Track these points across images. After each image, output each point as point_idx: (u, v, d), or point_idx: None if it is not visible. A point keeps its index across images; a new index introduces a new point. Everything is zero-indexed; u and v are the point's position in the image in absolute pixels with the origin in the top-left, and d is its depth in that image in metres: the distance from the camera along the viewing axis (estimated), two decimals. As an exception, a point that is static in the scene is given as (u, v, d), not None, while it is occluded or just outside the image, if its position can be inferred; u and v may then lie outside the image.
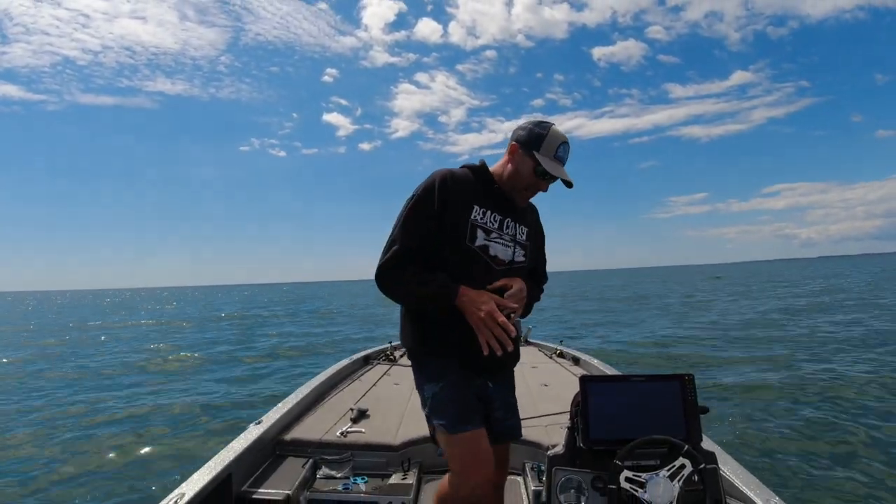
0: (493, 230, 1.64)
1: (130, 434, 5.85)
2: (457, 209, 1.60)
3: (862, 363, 7.93)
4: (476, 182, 1.68)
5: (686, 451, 1.35)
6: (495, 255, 1.63)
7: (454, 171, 1.67)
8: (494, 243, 1.64)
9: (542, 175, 1.61)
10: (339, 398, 3.28)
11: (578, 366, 4.15)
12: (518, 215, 1.74)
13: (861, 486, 3.83)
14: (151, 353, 12.68)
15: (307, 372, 8.02)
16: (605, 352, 9.47)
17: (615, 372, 3.55)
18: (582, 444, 1.48)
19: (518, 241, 1.72)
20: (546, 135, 1.61)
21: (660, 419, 1.47)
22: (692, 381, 1.52)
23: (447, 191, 1.59)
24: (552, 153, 1.60)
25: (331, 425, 2.74)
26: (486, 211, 1.65)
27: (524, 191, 1.66)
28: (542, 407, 2.94)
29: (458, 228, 1.59)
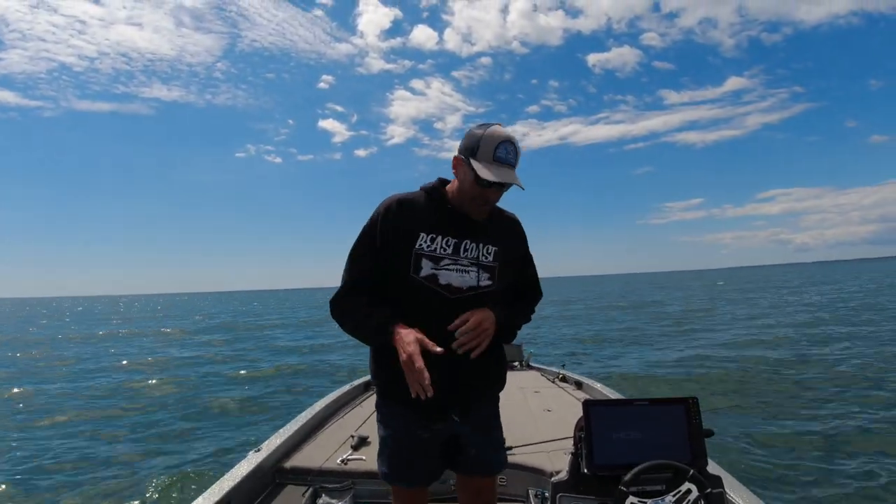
0: (444, 257, 1.51)
1: (127, 461, 5.76)
2: (399, 240, 1.50)
3: (879, 381, 7.85)
4: (427, 205, 1.56)
5: (692, 476, 1.33)
6: (448, 284, 1.50)
7: (402, 198, 1.56)
8: (446, 271, 1.50)
9: (478, 180, 1.44)
10: (340, 425, 3.24)
11: (581, 390, 4.11)
12: (481, 235, 1.57)
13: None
14: (144, 370, 12.56)
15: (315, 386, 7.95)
16: (607, 375, 9.38)
17: (618, 396, 3.52)
18: (586, 470, 1.46)
19: (482, 264, 1.55)
20: (482, 137, 1.44)
21: (664, 443, 1.46)
22: (696, 405, 1.51)
23: (388, 223, 1.51)
24: (490, 157, 1.42)
25: (331, 453, 2.70)
26: (435, 237, 1.52)
27: (472, 204, 1.50)
28: (544, 432, 2.91)
29: (401, 260, 1.50)
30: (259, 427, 7.02)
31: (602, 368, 10.36)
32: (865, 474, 4.40)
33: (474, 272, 1.53)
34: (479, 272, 1.54)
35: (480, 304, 1.52)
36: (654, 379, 9.26)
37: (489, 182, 1.43)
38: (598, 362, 11.20)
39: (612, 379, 8.73)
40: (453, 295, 1.50)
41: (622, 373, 9.85)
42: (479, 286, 1.53)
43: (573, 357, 11.69)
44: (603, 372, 9.81)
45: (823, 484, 4.27)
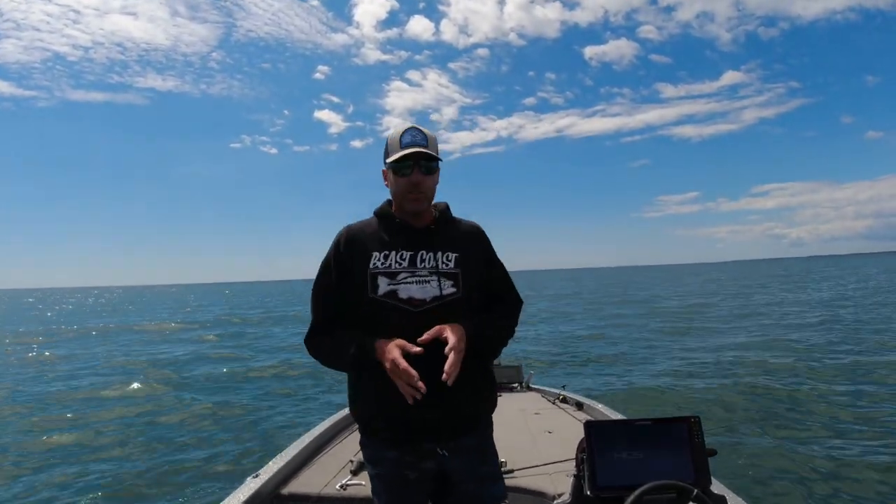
0: (400, 271, 1.51)
1: (119, 479, 5.65)
2: (354, 268, 1.53)
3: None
4: (378, 227, 1.60)
5: (696, 496, 1.32)
6: (409, 297, 1.49)
7: (351, 228, 1.61)
8: (404, 284, 1.49)
9: (396, 171, 1.52)
10: (339, 449, 3.20)
11: (582, 411, 4.08)
12: (438, 243, 1.56)
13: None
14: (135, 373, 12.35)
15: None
16: (608, 394, 9.30)
17: (620, 416, 3.50)
18: (589, 492, 1.44)
19: (442, 272, 1.53)
20: (388, 138, 1.56)
21: (667, 463, 1.44)
22: (698, 423, 1.50)
23: (340, 255, 1.56)
24: (397, 147, 1.50)
25: (330, 478, 2.67)
26: (388, 253, 1.53)
27: (405, 199, 1.53)
28: (546, 454, 2.88)
29: (359, 284, 1.51)
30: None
31: (602, 384, 10.28)
32: (875, 494, 4.35)
33: (435, 281, 1.51)
34: (441, 280, 1.51)
35: (450, 313, 1.48)
36: (654, 396, 9.19)
37: (398, 161, 1.49)
38: (598, 376, 11.12)
39: (610, 396, 8.66)
40: (417, 308, 1.48)
41: (621, 389, 9.78)
42: (443, 295, 1.50)
43: (570, 369, 11.59)
44: (601, 385, 9.73)
45: (833, 502, 4.22)
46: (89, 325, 27.92)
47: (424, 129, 1.53)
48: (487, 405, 1.63)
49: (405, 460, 1.51)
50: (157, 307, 39.81)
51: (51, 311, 48.46)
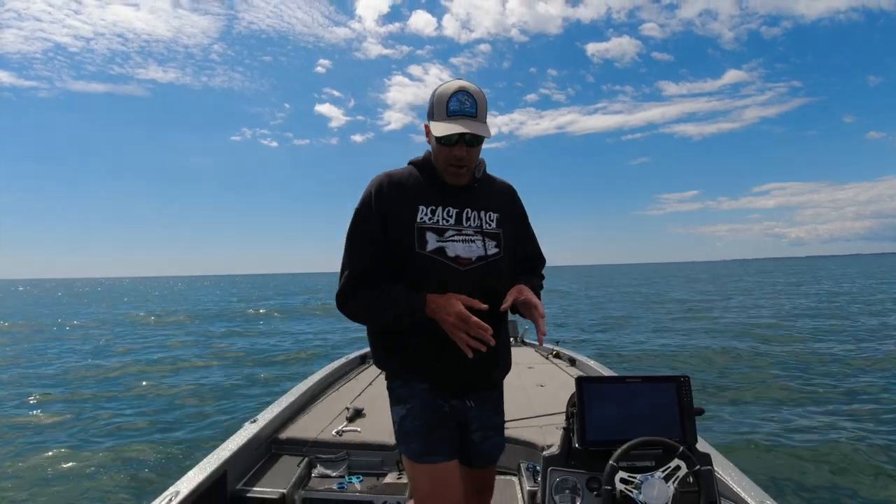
0: (447, 228, 1.46)
1: (122, 431, 5.84)
2: (399, 217, 1.44)
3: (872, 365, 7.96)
4: (420, 179, 1.50)
5: (681, 453, 1.35)
6: (456, 255, 1.45)
7: (392, 174, 1.51)
8: (452, 242, 1.45)
9: (444, 143, 1.40)
10: (335, 397, 3.28)
11: (574, 367, 4.15)
12: (481, 202, 1.53)
13: (857, 489, 3.85)
14: (146, 347, 12.64)
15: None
16: (601, 353, 9.48)
17: (611, 373, 3.56)
18: (577, 445, 1.47)
19: (486, 232, 1.50)
20: (435, 96, 1.41)
21: (655, 421, 1.47)
22: (688, 383, 1.52)
23: (384, 201, 1.45)
24: (444, 113, 1.38)
25: (326, 424, 2.73)
26: (435, 208, 1.46)
27: (445, 169, 1.45)
28: (537, 407, 2.94)
29: (406, 237, 1.43)
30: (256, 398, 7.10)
31: (598, 346, 10.47)
32: (855, 455, 4.49)
33: (480, 241, 1.48)
34: (485, 240, 1.49)
35: (492, 273, 1.48)
36: (647, 357, 9.36)
37: (446, 139, 1.38)
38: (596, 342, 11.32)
39: (605, 355, 8.82)
40: (463, 267, 1.44)
41: (616, 352, 9.96)
42: (487, 255, 1.48)
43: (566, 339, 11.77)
44: (599, 347, 9.91)
45: (811, 463, 4.36)
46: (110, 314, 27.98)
47: (474, 91, 1.40)
48: (509, 362, 1.66)
49: (439, 393, 1.49)
50: (144, 298, 39.80)
51: (49, 299, 48.44)
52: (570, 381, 1.55)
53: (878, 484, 3.94)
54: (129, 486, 4.30)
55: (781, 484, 3.97)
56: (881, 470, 4.15)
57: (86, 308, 29.07)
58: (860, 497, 3.75)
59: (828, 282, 35.50)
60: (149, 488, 4.19)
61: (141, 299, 38.45)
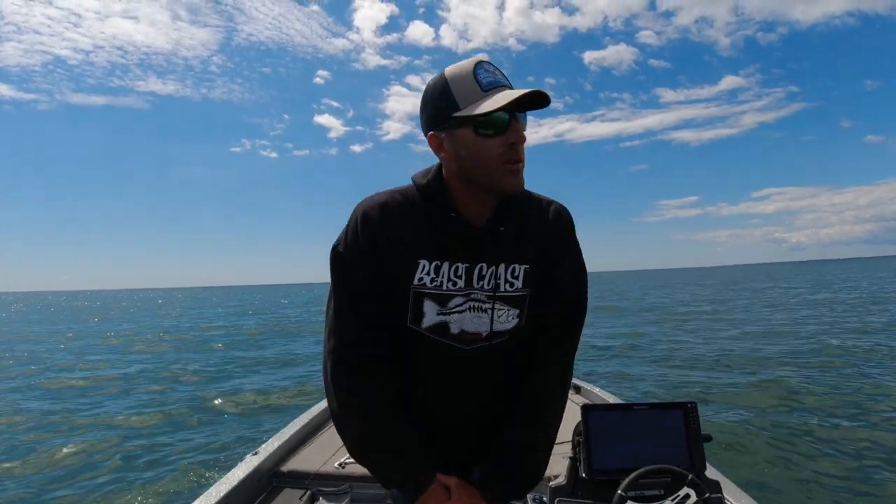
0: (454, 294, 1.07)
1: (125, 461, 5.74)
2: (391, 271, 1.05)
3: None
4: (424, 214, 1.07)
5: (690, 481, 1.33)
6: (461, 332, 1.09)
7: (385, 204, 1.07)
8: (456, 314, 1.08)
9: (483, 125, 0.96)
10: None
11: (579, 394, 4.10)
12: (505, 251, 1.08)
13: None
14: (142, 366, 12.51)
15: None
16: (607, 378, 9.38)
17: (617, 400, 3.52)
18: (584, 475, 1.45)
19: (508, 296, 1.10)
20: (447, 83, 0.99)
21: (663, 448, 1.45)
22: (695, 409, 1.51)
23: (373, 243, 1.05)
24: (475, 89, 0.96)
25: (329, 456, 2.69)
26: (440, 264, 1.05)
27: (502, 168, 0.99)
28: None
29: (397, 301, 1.07)
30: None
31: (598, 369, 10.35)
32: (866, 480, 4.40)
33: (495, 311, 1.10)
34: (506, 310, 1.11)
35: (506, 349, 1.15)
36: (652, 382, 9.25)
37: (504, 117, 0.96)
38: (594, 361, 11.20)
39: (611, 381, 8.72)
40: (468, 345, 1.11)
41: (619, 374, 9.85)
42: (502, 331, 1.12)
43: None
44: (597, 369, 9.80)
45: (822, 490, 4.26)
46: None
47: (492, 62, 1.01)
48: None
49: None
50: (136, 313, 39.24)
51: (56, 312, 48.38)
52: (576, 409, 1.53)
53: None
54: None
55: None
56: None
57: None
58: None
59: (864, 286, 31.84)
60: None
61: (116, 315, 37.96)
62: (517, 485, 1.16)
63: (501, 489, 1.13)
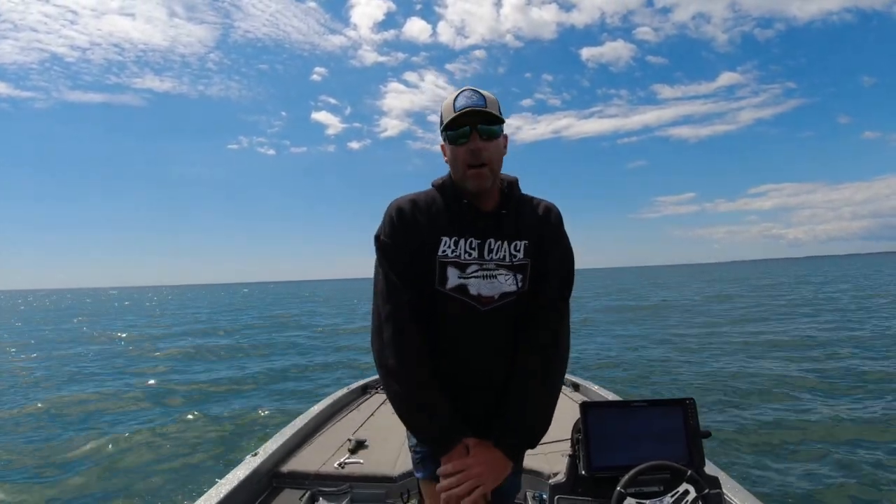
0: (470, 262, 1.36)
1: (124, 461, 5.73)
2: (421, 248, 1.36)
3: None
4: (442, 205, 1.41)
5: (689, 477, 1.33)
6: (478, 294, 1.36)
7: (414, 199, 1.41)
8: (474, 278, 1.36)
9: (453, 139, 1.33)
10: (337, 429, 3.23)
11: (578, 392, 4.11)
12: (507, 230, 1.41)
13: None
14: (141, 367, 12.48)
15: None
16: (607, 377, 9.39)
17: (616, 397, 3.52)
18: (584, 472, 1.46)
19: (511, 265, 1.39)
20: (442, 108, 1.38)
21: (662, 444, 1.45)
22: (694, 406, 1.51)
23: (405, 229, 1.37)
24: (451, 112, 1.32)
25: (328, 456, 2.69)
26: (458, 240, 1.37)
27: (467, 173, 1.33)
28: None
29: (427, 271, 1.36)
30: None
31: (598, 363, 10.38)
32: (866, 475, 4.41)
33: (503, 276, 1.38)
34: (511, 275, 1.39)
35: (516, 309, 1.40)
36: (651, 379, 9.27)
37: (466, 129, 1.30)
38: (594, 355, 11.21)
39: (609, 379, 8.74)
40: (485, 306, 1.37)
41: (619, 370, 9.87)
42: (511, 292, 1.39)
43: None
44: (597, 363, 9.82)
45: (822, 485, 4.28)
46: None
47: (482, 90, 1.35)
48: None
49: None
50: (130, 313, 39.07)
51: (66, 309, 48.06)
52: (575, 407, 1.54)
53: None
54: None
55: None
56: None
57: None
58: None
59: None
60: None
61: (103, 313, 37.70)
62: (528, 435, 1.38)
63: (514, 440, 1.36)
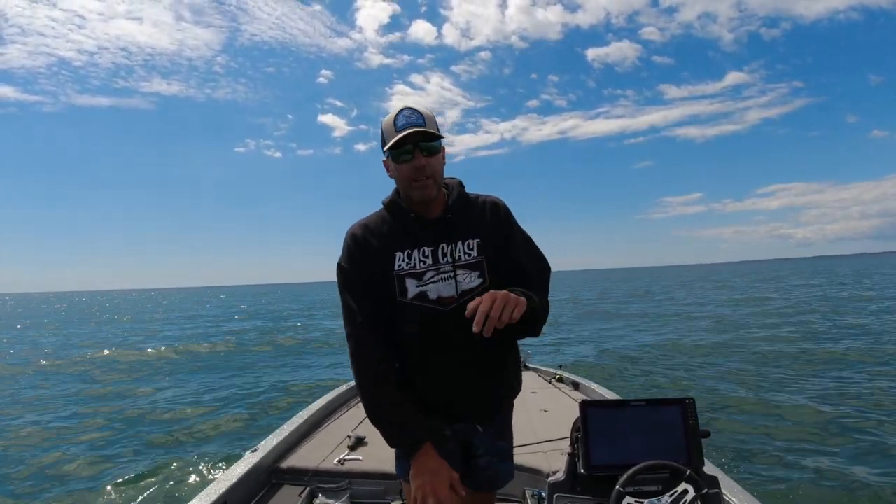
0: (426, 270, 1.44)
1: (124, 458, 5.74)
2: (379, 268, 1.44)
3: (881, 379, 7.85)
4: (392, 222, 1.49)
5: (688, 476, 1.33)
6: (438, 297, 1.44)
7: (366, 224, 1.50)
8: (432, 283, 1.43)
9: (396, 158, 1.39)
10: (337, 425, 3.24)
11: (578, 391, 4.11)
12: (456, 232, 1.48)
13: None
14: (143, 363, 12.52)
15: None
16: (604, 374, 9.39)
17: (615, 397, 3.53)
18: (583, 471, 1.46)
19: (465, 264, 1.46)
20: (382, 126, 1.43)
21: (661, 444, 1.45)
22: (693, 405, 1.51)
23: (361, 254, 1.45)
24: (392, 132, 1.38)
25: (328, 453, 2.70)
26: (411, 251, 1.44)
27: (412, 186, 1.41)
28: (541, 433, 2.91)
29: (387, 287, 1.43)
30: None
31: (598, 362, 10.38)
32: (866, 475, 4.41)
33: (462, 275, 1.45)
34: (465, 274, 1.45)
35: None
36: (650, 378, 9.27)
37: (409, 147, 1.36)
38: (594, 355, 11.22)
39: (608, 378, 8.74)
40: (447, 307, 1.43)
41: (616, 367, 9.87)
42: (470, 289, 1.44)
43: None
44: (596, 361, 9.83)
45: (821, 485, 4.28)
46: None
47: (419, 108, 1.41)
48: (518, 386, 1.63)
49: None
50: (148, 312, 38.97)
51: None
52: (574, 406, 1.54)
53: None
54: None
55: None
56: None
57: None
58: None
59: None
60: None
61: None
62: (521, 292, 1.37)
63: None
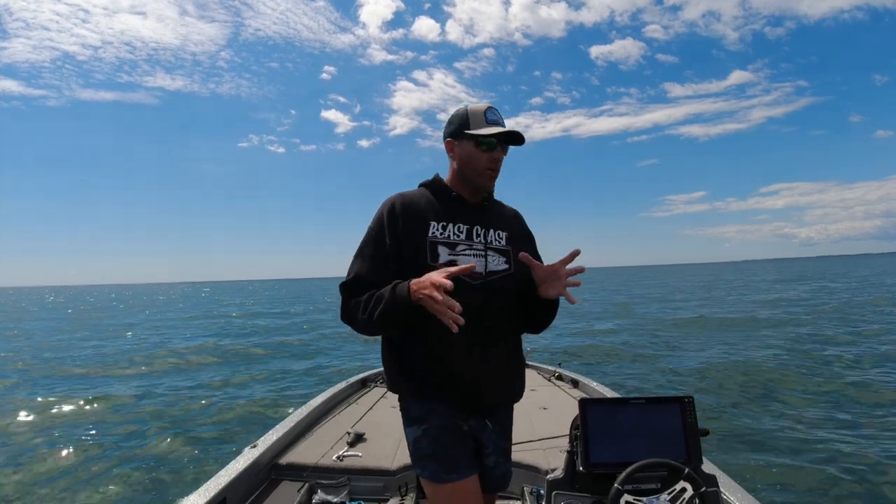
0: (458, 242, 1.52)
1: (124, 451, 5.75)
2: (412, 233, 1.50)
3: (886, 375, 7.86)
4: (431, 197, 1.59)
5: (687, 475, 1.34)
6: None
7: (404, 194, 1.58)
8: (463, 256, 1.50)
9: (486, 145, 1.51)
10: (336, 422, 3.24)
11: (577, 388, 4.12)
12: (491, 220, 1.61)
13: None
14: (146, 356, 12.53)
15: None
16: (603, 373, 9.40)
17: (614, 394, 3.53)
18: (581, 468, 1.46)
19: (495, 248, 1.57)
20: (467, 111, 1.55)
21: (660, 442, 1.46)
22: (692, 404, 1.51)
23: (397, 219, 1.51)
24: (483, 121, 1.52)
25: (327, 449, 2.70)
26: (446, 224, 1.53)
27: (482, 175, 1.54)
28: (540, 430, 2.91)
29: (419, 252, 1.48)
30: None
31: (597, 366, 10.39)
32: (865, 475, 4.42)
33: (491, 256, 1.55)
34: (494, 256, 1.56)
35: (502, 289, 1.54)
36: (650, 376, 9.28)
37: (493, 141, 1.50)
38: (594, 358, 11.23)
39: (608, 376, 8.75)
40: (474, 281, 1.50)
41: (615, 368, 9.88)
42: (497, 270, 1.55)
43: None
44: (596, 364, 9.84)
45: (820, 484, 4.28)
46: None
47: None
48: (523, 384, 1.65)
49: (458, 414, 1.49)
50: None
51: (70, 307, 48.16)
52: (573, 403, 1.54)
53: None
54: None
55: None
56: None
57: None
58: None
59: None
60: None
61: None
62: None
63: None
